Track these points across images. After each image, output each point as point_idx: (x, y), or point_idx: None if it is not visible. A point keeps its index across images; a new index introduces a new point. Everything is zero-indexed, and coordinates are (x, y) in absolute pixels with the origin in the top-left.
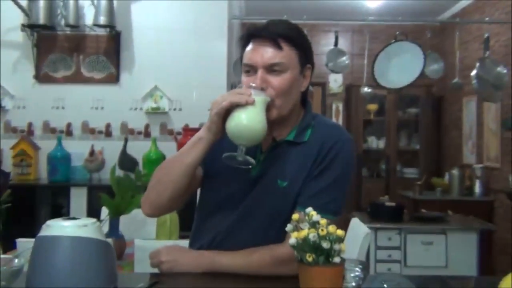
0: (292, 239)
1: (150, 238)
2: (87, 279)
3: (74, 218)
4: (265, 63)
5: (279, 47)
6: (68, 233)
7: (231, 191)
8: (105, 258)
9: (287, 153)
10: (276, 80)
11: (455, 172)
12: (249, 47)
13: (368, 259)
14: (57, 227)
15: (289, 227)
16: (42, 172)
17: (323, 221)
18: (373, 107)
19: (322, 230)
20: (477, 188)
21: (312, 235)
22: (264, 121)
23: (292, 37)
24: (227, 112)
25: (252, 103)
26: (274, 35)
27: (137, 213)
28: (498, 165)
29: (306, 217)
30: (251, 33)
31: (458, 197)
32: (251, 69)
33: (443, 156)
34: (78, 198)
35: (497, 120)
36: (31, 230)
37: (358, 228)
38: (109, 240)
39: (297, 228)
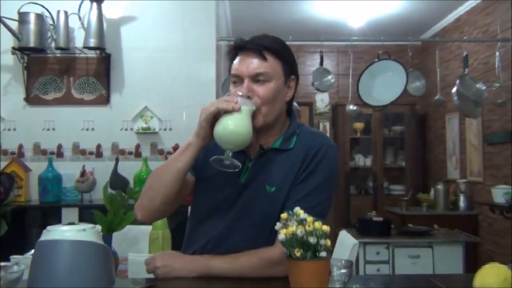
0: (281, 235)
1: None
2: (86, 281)
3: (73, 223)
4: (250, 73)
5: (263, 58)
6: (68, 237)
7: (221, 197)
8: (103, 261)
9: (274, 160)
10: (261, 89)
11: (440, 187)
12: (236, 59)
13: (357, 273)
14: (57, 232)
15: (278, 225)
16: (33, 194)
17: (310, 219)
18: (359, 125)
19: (308, 226)
20: (462, 202)
21: (300, 231)
22: (250, 128)
23: (276, 49)
24: (215, 119)
25: (239, 109)
26: (259, 47)
27: (129, 230)
28: (480, 179)
29: (294, 216)
30: (238, 46)
31: (443, 211)
32: (238, 79)
33: (428, 172)
34: (70, 218)
35: (478, 135)
36: (23, 251)
37: (346, 240)
38: None
39: (285, 226)
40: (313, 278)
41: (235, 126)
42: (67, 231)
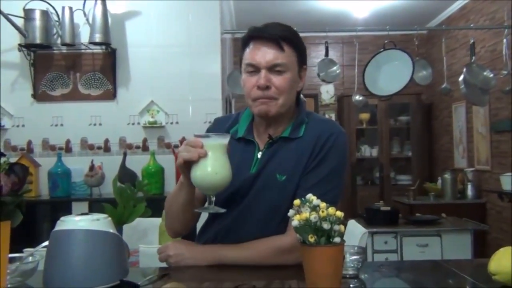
0: (295, 221)
1: (154, 244)
2: (100, 270)
3: (86, 214)
4: (268, 63)
5: (281, 48)
6: (82, 227)
7: (233, 189)
8: (117, 250)
9: (283, 149)
10: (278, 80)
11: (447, 176)
12: (251, 48)
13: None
14: (71, 222)
15: (291, 212)
16: (43, 189)
17: (323, 204)
18: (365, 116)
19: (322, 212)
20: (469, 191)
21: (313, 217)
22: (225, 165)
23: (292, 39)
24: (189, 164)
25: (205, 156)
26: (275, 36)
27: (139, 223)
28: (488, 167)
29: (307, 203)
30: (253, 35)
31: (451, 200)
32: (254, 69)
33: (435, 162)
34: (80, 212)
35: (486, 124)
36: (35, 245)
37: (355, 229)
38: None
39: (298, 213)
40: (327, 264)
41: (203, 173)
42: (81, 221)
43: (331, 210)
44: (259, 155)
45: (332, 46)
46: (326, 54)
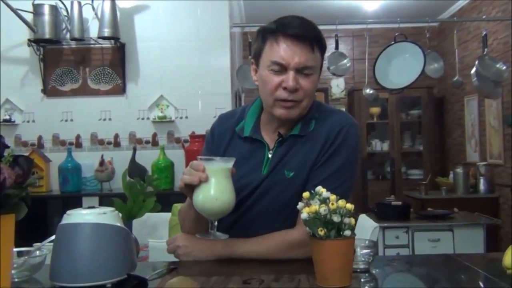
0: (304, 214)
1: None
2: (107, 264)
3: (93, 207)
4: (298, 65)
5: (312, 51)
6: (88, 220)
7: (246, 192)
8: (124, 244)
9: (293, 146)
10: (306, 83)
11: (459, 170)
12: (280, 44)
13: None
14: (77, 215)
15: (300, 204)
16: (53, 184)
17: (333, 197)
18: (375, 110)
19: (332, 204)
20: (482, 185)
21: (323, 209)
22: (226, 190)
23: (322, 42)
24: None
25: (206, 180)
26: (310, 38)
27: (148, 218)
28: (501, 161)
29: (317, 195)
30: (283, 31)
31: (463, 195)
32: (281, 68)
33: (447, 156)
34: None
35: (498, 117)
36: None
37: (366, 223)
38: None
39: (308, 205)
40: (337, 258)
41: (205, 198)
42: (88, 215)
43: (341, 202)
44: (270, 154)
45: (342, 39)
46: (336, 47)
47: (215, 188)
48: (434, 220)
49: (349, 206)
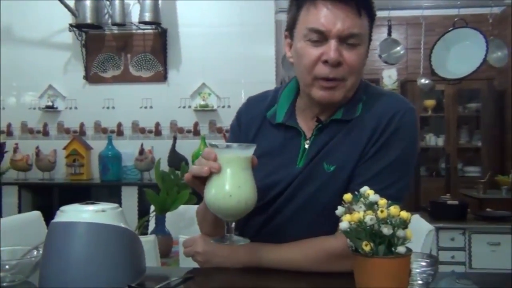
0: (344, 222)
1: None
2: (105, 270)
3: (93, 203)
4: (342, 32)
5: (358, 14)
6: (84, 219)
7: (278, 190)
8: (127, 247)
9: (335, 134)
10: (350, 56)
11: None
12: (317, 8)
13: None
14: (72, 213)
15: (340, 210)
16: (94, 172)
17: (383, 201)
18: (430, 103)
19: (381, 211)
20: None
21: (369, 218)
22: (246, 184)
23: (371, 4)
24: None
25: (218, 171)
26: None
27: (186, 210)
28: None
29: (361, 198)
30: None
31: None
32: (320, 38)
33: (507, 153)
34: (129, 196)
35: None
36: None
37: (419, 225)
38: (152, 236)
39: (349, 211)
40: (387, 280)
41: (218, 194)
42: (84, 212)
43: (394, 209)
44: (306, 144)
45: (395, 28)
46: (389, 33)
47: (230, 182)
48: (494, 222)
49: (405, 214)
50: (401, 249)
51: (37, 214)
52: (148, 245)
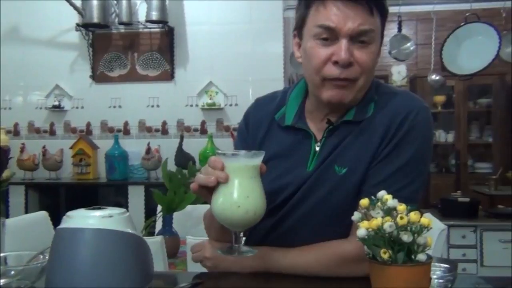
0: (362, 229)
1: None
2: (112, 277)
3: (99, 208)
4: (354, 30)
5: (370, 12)
6: (91, 225)
7: (287, 194)
8: (135, 253)
9: (346, 135)
10: (362, 55)
11: None
12: (326, 6)
13: None
14: (78, 218)
15: (356, 215)
16: (101, 171)
17: (402, 207)
18: (440, 99)
19: (401, 218)
20: None
21: (388, 225)
22: (255, 193)
23: (383, 2)
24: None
25: (226, 180)
26: None
27: (193, 209)
28: None
29: (379, 203)
30: None
31: None
32: (331, 36)
33: None
34: (136, 196)
35: None
36: None
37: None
38: (159, 237)
39: (366, 217)
40: None
41: (226, 204)
42: (91, 218)
43: (414, 216)
44: (317, 147)
45: (405, 23)
46: (399, 29)
47: (238, 192)
48: (506, 219)
49: (426, 221)
50: (421, 256)
51: (43, 215)
52: (155, 246)
